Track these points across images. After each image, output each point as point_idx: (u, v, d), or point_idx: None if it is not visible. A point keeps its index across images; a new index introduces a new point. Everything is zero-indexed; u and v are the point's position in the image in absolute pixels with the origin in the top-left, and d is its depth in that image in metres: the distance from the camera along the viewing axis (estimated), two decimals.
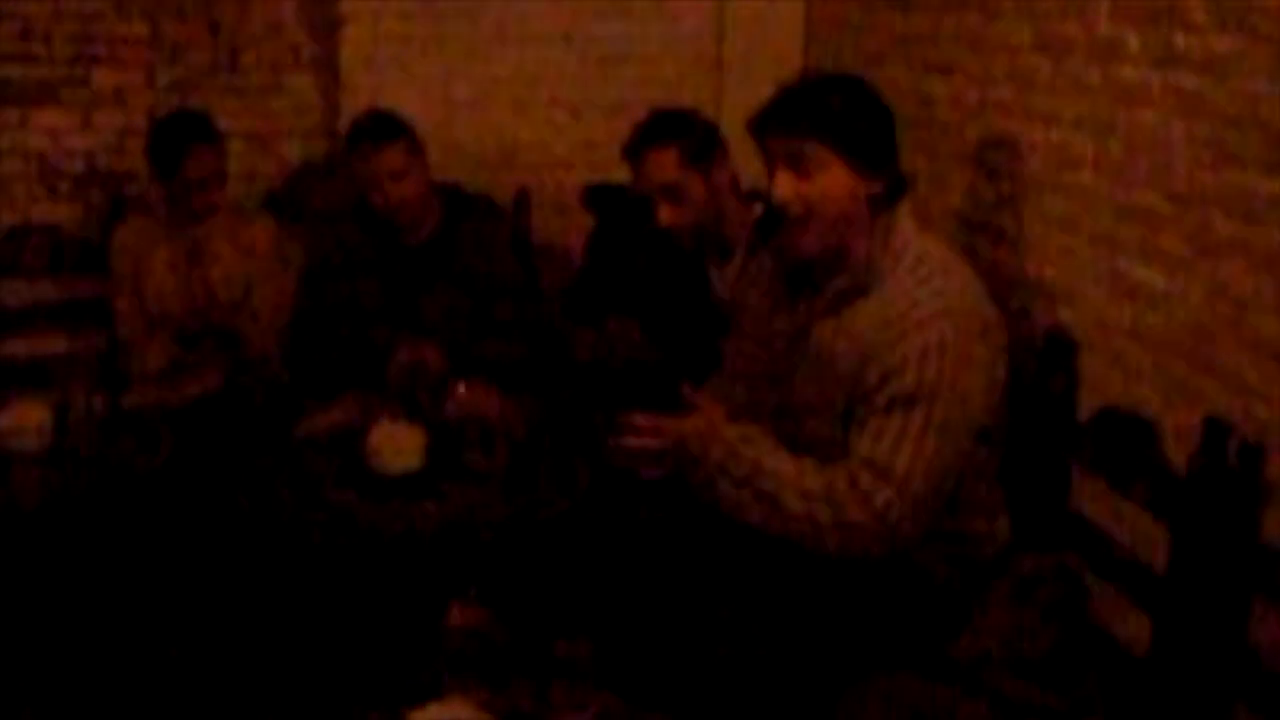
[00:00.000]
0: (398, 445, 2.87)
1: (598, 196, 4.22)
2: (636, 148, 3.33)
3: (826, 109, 2.44)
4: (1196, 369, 2.65)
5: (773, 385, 2.63)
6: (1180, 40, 2.67)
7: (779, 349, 2.62)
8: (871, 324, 2.43)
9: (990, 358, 2.46)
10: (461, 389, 3.06)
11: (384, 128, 3.55)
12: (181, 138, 3.62)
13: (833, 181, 2.44)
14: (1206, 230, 2.61)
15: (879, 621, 2.46)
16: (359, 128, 3.60)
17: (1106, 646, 2.61)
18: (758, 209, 3.21)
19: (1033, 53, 3.22)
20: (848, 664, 2.42)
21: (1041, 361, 2.98)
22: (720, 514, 2.47)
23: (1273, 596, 2.29)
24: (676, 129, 3.32)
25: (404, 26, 4.52)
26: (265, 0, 4.55)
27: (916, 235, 2.52)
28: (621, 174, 3.48)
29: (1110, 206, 2.91)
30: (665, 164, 3.28)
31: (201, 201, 3.66)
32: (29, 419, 3.00)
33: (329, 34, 4.53)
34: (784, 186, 2.45)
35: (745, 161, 3.15)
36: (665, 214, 3.28)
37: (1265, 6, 2.43)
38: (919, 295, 2.42)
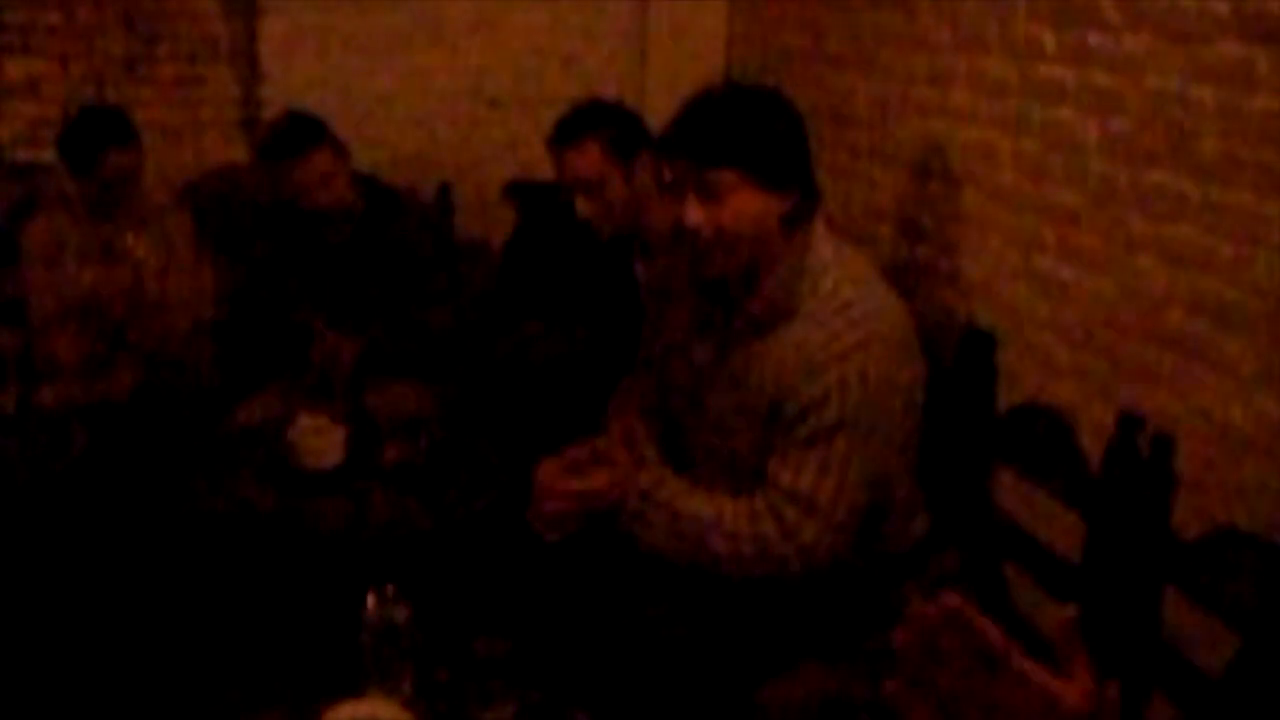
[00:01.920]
0: (318, 441, 2.85)
1: (519, 192, 4.21)
2: (559, 139, 3.32)
3: (734, 133, 2.38)
4: (1111, 363, 2.69)
5: (688, 406, 2.61)
6: (1094, 39, 2.71)
7: (695, 369, 2.59)
8: (792, 353, 2.40)
9: (910, 382, 2.45)
10: (382, 385, 3.04)
11: (306, 133, 3.51)
12: (97, 138, 3.55)
13: (743, 204, 2.38)
14: (1121, 227, 2.65)
15: (797, 616, 2.47)
16: (280, 135, 3.55)
17: (1027, 637, 2.64)
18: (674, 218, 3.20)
19: (952, 52, 3.25)
20: (767, 657, 2.43)
21: (960, 357, 3.01)
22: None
23: (1184, 586, 2.33)
24: (600, 121, 3.31)
25: (324, 18, 4.48)
26: None
27: (834, 253, 2.47)
28: (545, 170, 3.47)
29: (1028, 204, 2.94)
30: (588, 157, 3.26)
31: (117, 198, 3.60)
32: None
33: (247, 25, 4.48)
34: (693, 212, 2.39)
35: None
36: (583, 206, 3.27)
37: (1177, 6, 2.47)
38: (838, 325, 2.38)
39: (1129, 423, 2.50)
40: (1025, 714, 1.26)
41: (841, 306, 2.40)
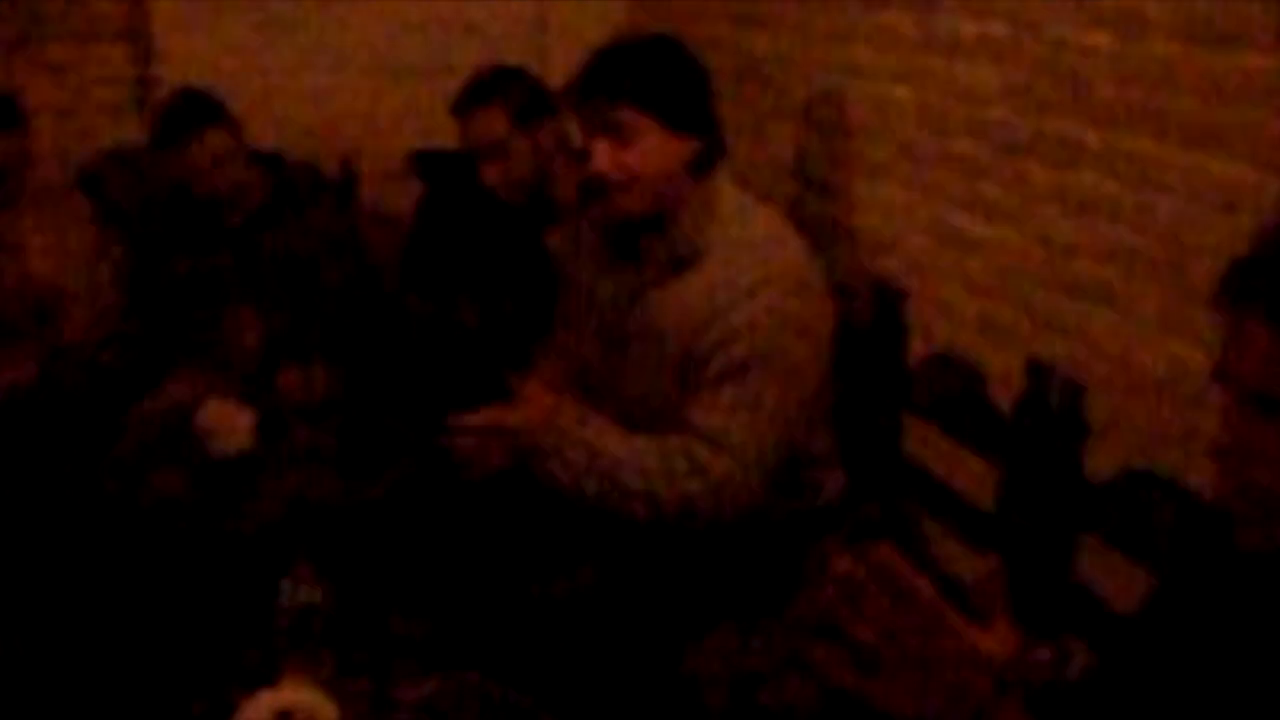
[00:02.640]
0: (227, 425, 2.81)
1: (425, 162, 4.16)
2: (463, 106, 3.29)
3: (639, 75, 2.43)
4: (1019, 313, 2.71)
5: (602, 354, 2.62)
6: None
7: (607, 317, 2.60)
8: (700, 296, 2.43)
9: (818, 320, 2.48)
10: (291, 369, 3.00)
11: (200, 112, 3.43)
12: None
13: (650, 147, 2.42)
14: (1023, 177, 2.66)
15: (717, 577, 2.47)
16: (172, 113, 3.47)
17: (945, 587, 2.66)
18: (584, 170, 3.19)
19: (850, 6, 3.25)
20: (688, 621, 2.43)
21: (869, 311, 3.02)
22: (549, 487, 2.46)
23: (1098, 530, 2.36)
24: (503, 87, 3.29)
25: None
26: None
27: (740, 199, 2.52)
28: (450, 139, 3.44)
29: (931, 156, 2.95)
30: (492, 122, 3.24)
31: (7, 188, 3.50)
32: None
33: (138, 2, 4.37)
34: (601, 155, 2.43)
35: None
36: (489, 173, 3.25)
37: None
38: (745, 264, 2.42)
39: (1038, 371, 2.53)
40: (947, 665, 1.26)
41: (747, 247, 2.44)
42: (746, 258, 2.42)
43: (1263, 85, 2.12)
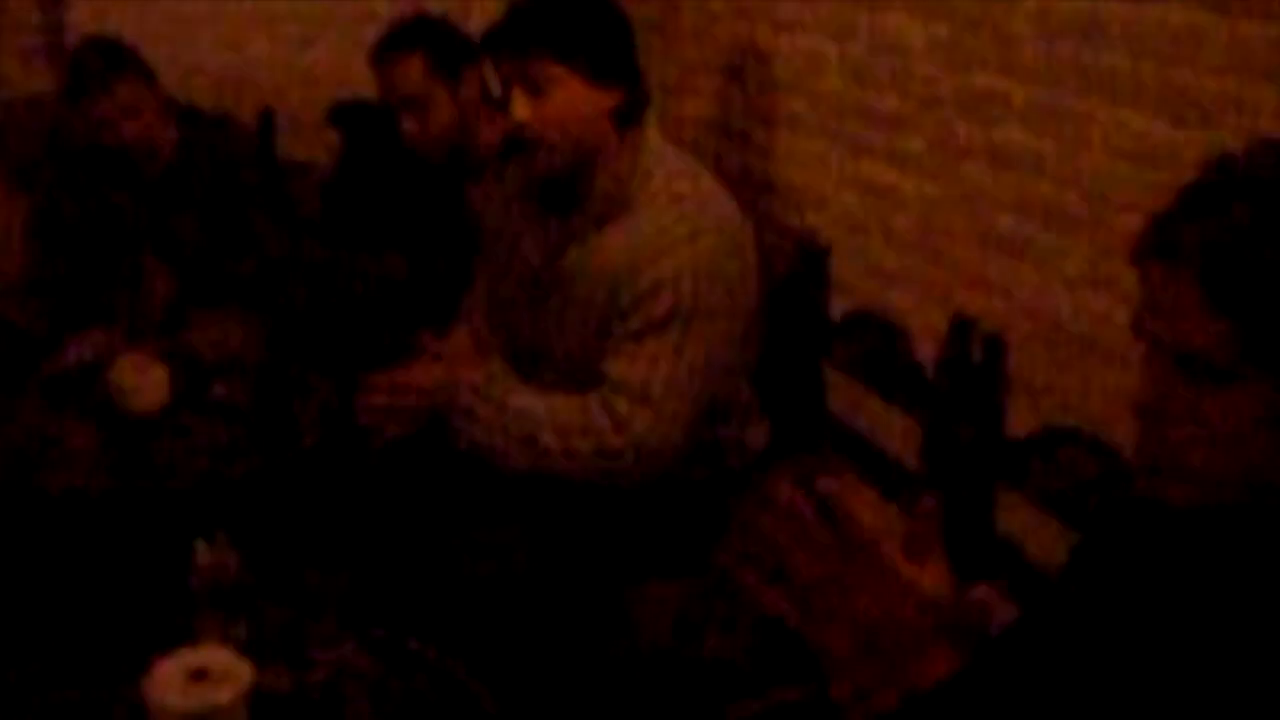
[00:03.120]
0: (139, 381, 2.74)
1: (344, 114, 4.09)
2: (381, 55, 3.23)
3: (557, 25, 2.38)
4: (942, 268, 2.71)
5: (526, 307, 2.59)
6: None
7: (531, 270, 2.57)
8: (623, 248, 2.40)
9: (743, 275, 2.46)
10: (204, 320, 2.94)
11: (110, 61, 3.33)
12: None
13: (570, 98, 2.38)
14: (947, 132, 2.66)
15: (640, 532, 2.46)
16: (81, 64, 3.37)
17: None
18: (506, 122, 3.15)
19: None
20: (612, 576, 2.42)
21: (792, 266, 3.01)
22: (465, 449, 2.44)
23: (1019, 485, 2.37)
24: (422, 36, 3.23)
25: None
26: None
27: (665, 152, 2.48)
28: (370, 90, 3.38)
29: (855, 111, 2.95)
30: (410, 73, 3.18)
31: None
32: None
33: None
34: (521, 107, 2.39)
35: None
36: (410, 125, 3.19)
37: None
38: (670, 218, 2.39)
39: (961, 326, 2.53)
40: (885, 600, 1.26)
41: (672, 200, 2.41)
42: (673, 210, 2.40)
43: (1185, 40, 2.12)
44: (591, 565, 2.43)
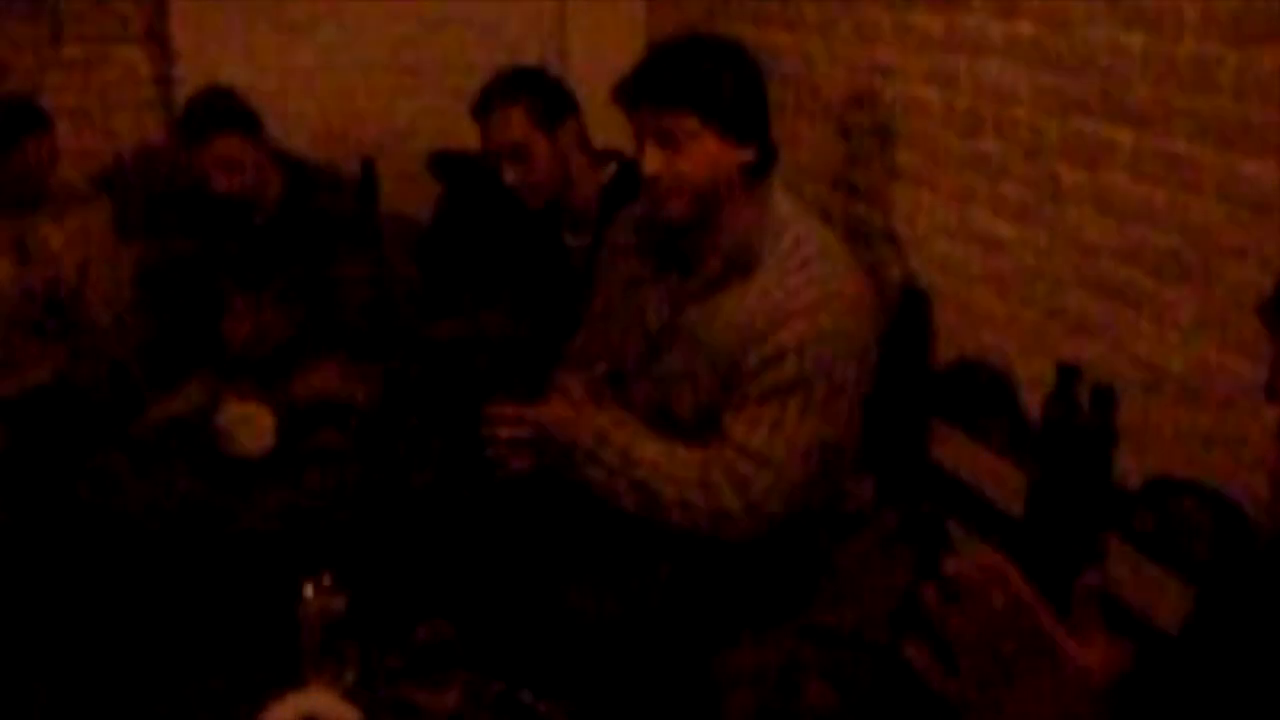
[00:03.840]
0: (247, 427, 2.79)
1: (444, 163, 4.14)
2: (483, 106, 3.27)
3: (694, 79, 2.36)
4: (1048, 316, 2.68)
5: (642, 359, 2.58)
6: None
7: (652, 319, 2.56)
8: (749, 310, 2.39)
9: (866, 342, 2.44)
10: (311, 369, 2.99)
11: (217, 115, 3.42)
12: (9, 129, 3.44)
13: (703, 152, 2.36)
14: (1052, 178, 2.63)
15: (746, 585, 2.45)
16: (192, 114, 3.47)
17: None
18: (609, 170, 3.17)
19: (876, 5, 3.23)
20: (718, 629, 2.41)
21: (897, 314, 3.00)
22: (581, 488, 2.44)
23: (1128, 536, 2.33)
24: (523, 87, 3.26)
25: None
26: None
27: (793, 213, 2.46)
28: (469, 140, 3.42)
29: (958, 157, 2.93)
30: (512, 122, 3.21)
31: (31, 190, 3.50)
32: None
33: (158, 3, 4.36)
34: (653, 159, 2.38)
35: (595, 122, 3.12)
36: (510, 174, 3.22)
37: None
38: (797, 282, 2.37)
39: (1067, 374, 2.49)
40: (1049, 681, 1.23)
41: (801, 263, 2.39)
42: (800, 274, 2.38)
43: None
44: (696, 613, 2.42)
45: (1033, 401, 2.62)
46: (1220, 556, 2.05)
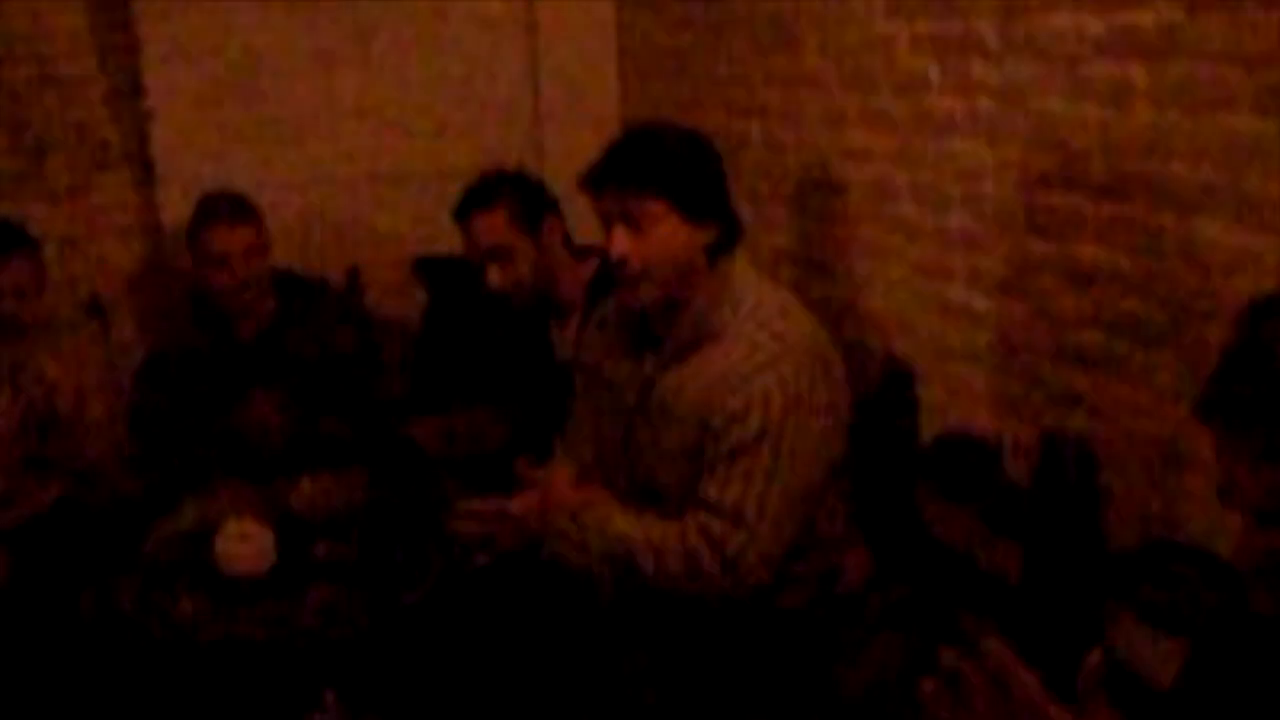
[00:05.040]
0: (246, 546, 2.79)
1: (428, 268, 4.19)
2: (464, 211, 3.31)
3: (656, 164, 2.45)
4: (1027, 385, 2.71)
5: (624, 440, 2.63)
6: (977, 68, 2.75)
7: (627, 400, 2.61)
8: (714, 372, 2.44)
9: (832, 395, 2.48)
10: (306, 483, 3.00)
11: (238, 207, 3.52)
12: None
13: (668, 234, 2.44)
14: (1021, 250, 2.68)
15: (751, 669, 2.46)
16: (212, 203, 3.54)
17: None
18: (592, 265, 3.21)
19: (839, 89, 3.29)
20: (723, 708, 2.42)
21: (879, 392, 3.03)
22: (576, 587, 2.46)
23: (1121, 598, 2.34)
24: (502, 190, 3.31)
25: (215, 114, 4.44)
26: (71, 99, 4.43)
27: (754, 281, 2.53)
28: (453, 243, 3.47)
29: (930, 235, 2.97)
30: (493, 226, 3.26)
31: (18, 314, 3.52)
32: None
33: (138, 128, 4.43)
34: (620, 243, 2.45)
35: (576, 218, 3.16)
36: (494, 276, 3.26)
37: (1053, 29, 2.52)
38: (759, 340, 2.43)
39: (1051, 443, 2.53)
40: None
41: (761, 323, 2.45)
42: (761, 333, 2.44)
43: (1250, 147, 2.14)
44: (708, 704, 2.43)
45: (1019, 470, 2.65)
46: (1208, 614, 2.07)
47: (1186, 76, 2.25)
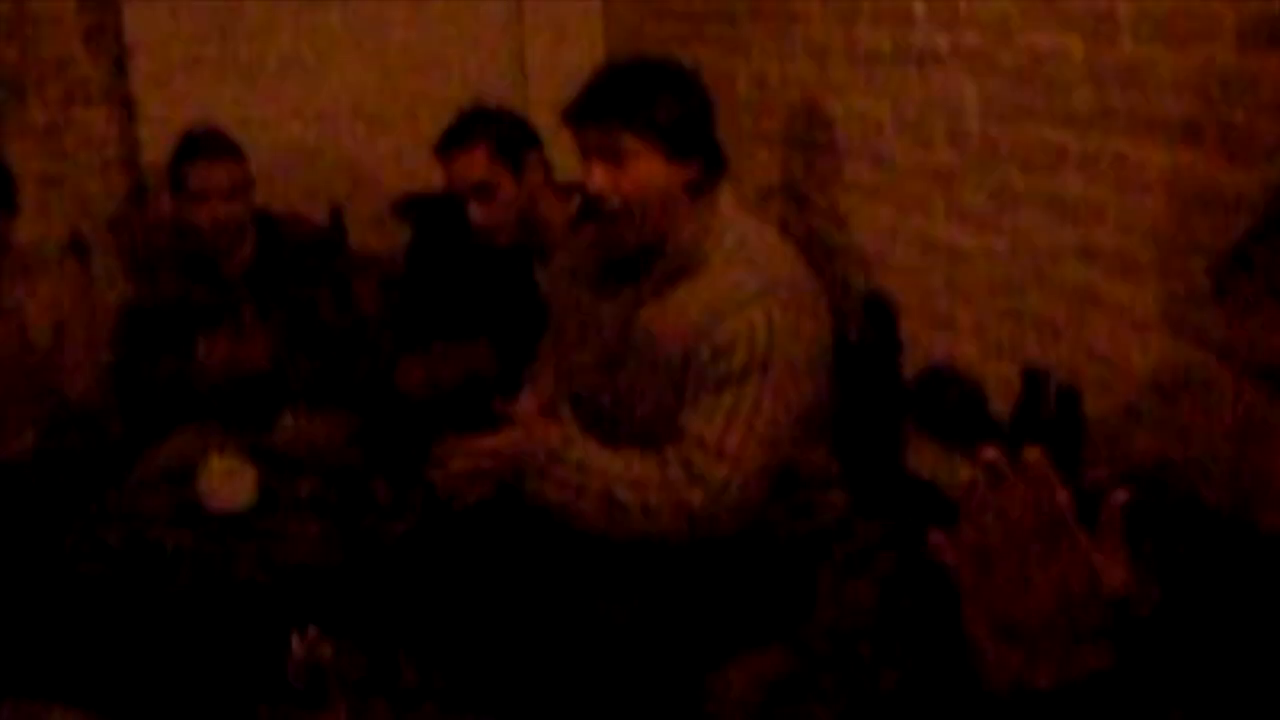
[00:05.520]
0: (230, 482, 2.80)
1: (411, 207, 4.17)
2: (445, 148, 3.30)
3: (636, 99, 2.43)
4: (1010, 321, 2.71)
5: (603, 374, 2.62)
6: (963, 3, 2.74)
7: (608, 337, 2.60)
8: (697, 306, 2.44)
9: (816, 329, 2.48)
10: (289, 418, 3.00)
11: (221, 144, 3.49)
12: None
13: (647, 170, 2.43)
14: (1005, 185, 2.67)
15: (729, 603, 2.48)
16: (195, 140, 3.51)
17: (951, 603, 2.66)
18: (575, 202, 3.20)
19: (824, 23, 3.27)
20: (706, 648, 2.43)
21: (863, 327, 3.03)
22: (557, 524, 2.46)
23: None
24: (484, 126, 3.30)
25: (195, 50, 4.41)
26: (50, 36, 4.39)
27: (737, 215, 2.52)
28: (436, 179, 3.45)
29: (912, 169, 2.97)
30: (475, 162, 3.25)
31: None
32: None
33: (117, 64, 4.39)
34: (599, 178, 2.44)
35: (560, 155, 3.15)
36: (477, 213, 3.25)
37: None
38: (742, 274, 2.42)
39: (1033, 378, 2.53)
40: (1070, 583, 1.23)
41: (746, 257, 2.44)
42: (743, 268, 2.43)
43: (1233, 80, 2.13)
44: (679, 637, 2.44)
45: (1002, 405, 2.66)
46: (1189, 543, 2.08)
47: (1170, 9, 2.23)
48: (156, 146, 4.12)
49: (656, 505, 2.38)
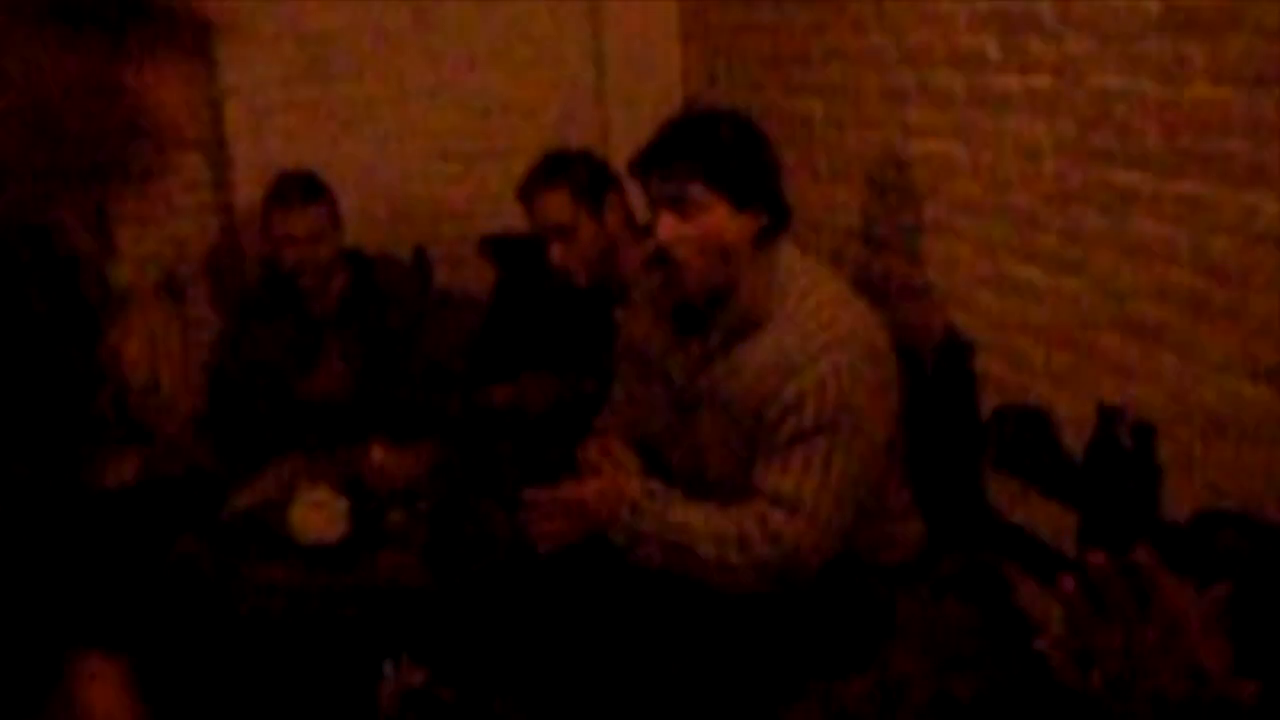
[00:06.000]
0: (321, 515, 2.88)
1: (496, 247, 4.26)
2: (528, 190, 3.38)
3: (704, 150, 2.48)
4: (1084, 358, 2.74)
5: (672, 425, 2.67)
6: (1035, 45, 2.77)
7: (678, 385, 2.65)
8: (765, 361, 2.47)
9: (884, 381, 2.51)
10: (378, 452, 3.08)
11: (310, 188, 3.60)
12: None
13: (715, 220, 2.47)
14: (1078, 226, 2.70)
15: (806, 635, 2.51)
16: (285, 184, 3.63)
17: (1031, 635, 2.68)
18: (650, 244, 3.26)
19: (899, 67, 3.32)
20: (782, 680, 2.46)
21: (938, 366, 3.06)
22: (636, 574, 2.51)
23: (1178, 570, 2.37)
24: (566, 169, 3.38)
25: (286, 94, 4.51)
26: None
27: (802, 266, 2.55)
28: (519, 221, 3.53)
29: (988, 210, 3.00)
30: (557, 204, 3.33)
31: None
32: None
33: (212, 109, 4.52)
34: (667, 228, 2.49)
35: (640, 197, 3.21)
36: (556, 253, 3.32)
37: (1110, 7, 2.54)
38: (810, 328, 2.46)
39: (1108, 414, 2.55)
40: (1176, 673, 1.24)
41: (811, 311, 2.48)
42: (811, 322, 2.46)
43: None
44: (756, 670, 2.48)
45: (1077, 443, 2.68)
46: (1260, 583, 2.10)
47: (1240, 53, 2.26)
48: (249, 188, 4.24)
49: (735, 563, 2.42)
